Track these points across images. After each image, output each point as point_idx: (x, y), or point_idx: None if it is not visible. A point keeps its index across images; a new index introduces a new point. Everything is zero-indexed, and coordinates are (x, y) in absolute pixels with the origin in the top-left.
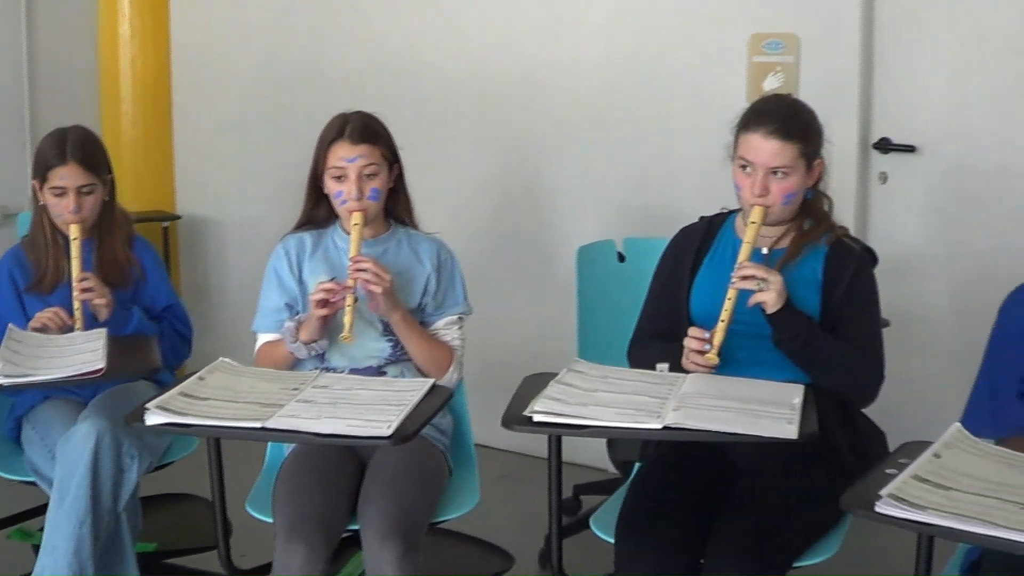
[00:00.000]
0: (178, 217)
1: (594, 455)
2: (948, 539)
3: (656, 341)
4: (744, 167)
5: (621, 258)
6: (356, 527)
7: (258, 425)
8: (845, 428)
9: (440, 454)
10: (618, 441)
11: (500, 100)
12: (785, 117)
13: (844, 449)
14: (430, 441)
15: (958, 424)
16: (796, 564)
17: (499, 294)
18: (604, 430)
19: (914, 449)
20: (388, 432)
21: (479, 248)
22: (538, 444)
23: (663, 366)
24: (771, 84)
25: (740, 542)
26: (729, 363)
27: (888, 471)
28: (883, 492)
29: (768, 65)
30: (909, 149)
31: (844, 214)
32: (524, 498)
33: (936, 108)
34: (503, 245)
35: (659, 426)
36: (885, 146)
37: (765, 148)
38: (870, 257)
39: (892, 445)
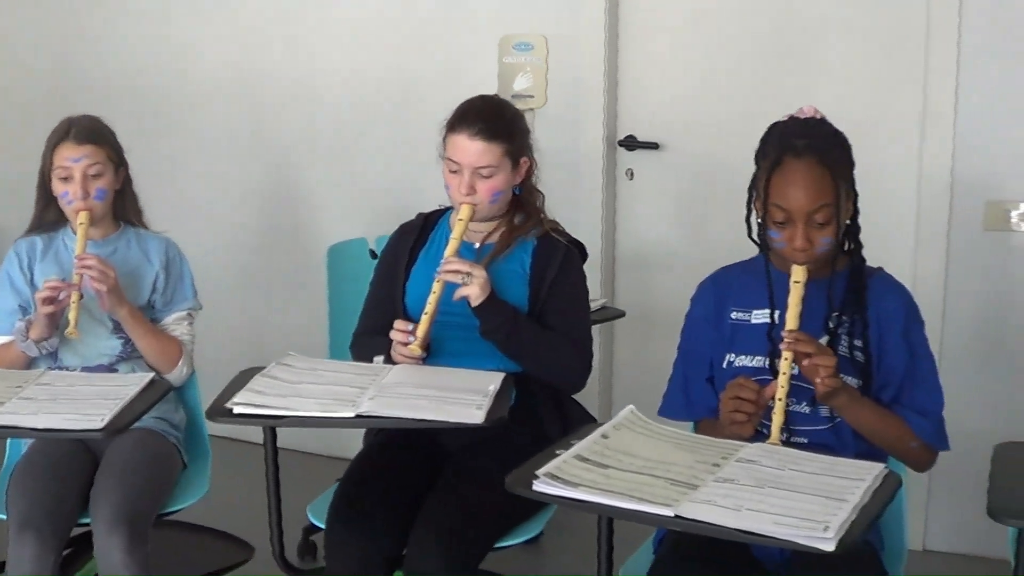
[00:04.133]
0: None
1: None
2: (598, 514)
3: (375, 335)
4: (452, 167)
5: (374, 255)
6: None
7: None
8: (555, 414)
9: (171, 447)
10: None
11: (256, 105)
12: (489, 118)
13: (554, 434)
14: (162, 435)
15: (632, 406)
16: (498, 545)
17: (256, 294)
18: (299, 420)
19: (588, 431)
20: (101, 424)
21: (237, 249)
22: (307, 440)
23: (379, 358)
24: (521, 84)
25: (442, 524)
26: (442, 354)
27: (557, 451)
28: (540, 471)
29: (518, 66)
30: (653, 146)
31: (592, 209)
32: (291, 493)
33: (679, 107)
34: (260, 246)
35: (352, 414)
36: (631, 143)
37: (470, 149)
38: (578, 251)
39: None
